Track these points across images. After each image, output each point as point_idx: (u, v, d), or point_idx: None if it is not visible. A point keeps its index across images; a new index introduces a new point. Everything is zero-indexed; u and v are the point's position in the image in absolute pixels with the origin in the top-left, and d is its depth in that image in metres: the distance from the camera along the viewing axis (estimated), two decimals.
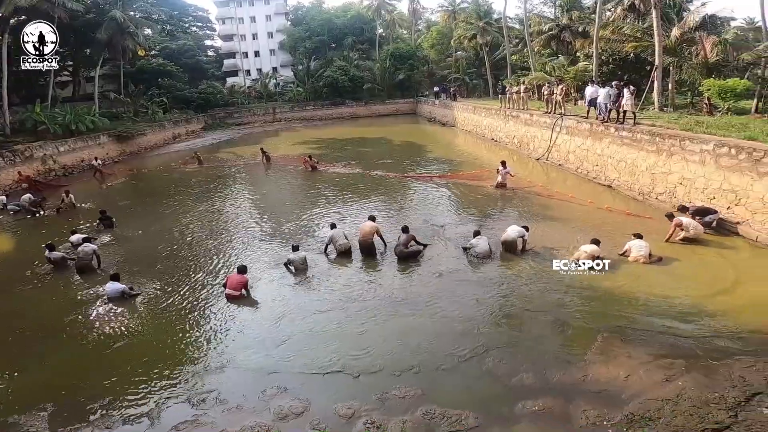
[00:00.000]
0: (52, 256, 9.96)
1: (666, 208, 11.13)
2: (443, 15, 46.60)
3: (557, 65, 26.77)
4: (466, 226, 11.22)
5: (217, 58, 59.20)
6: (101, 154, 25.95)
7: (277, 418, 5.16)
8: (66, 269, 9.96)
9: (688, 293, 7.42)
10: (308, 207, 14.34)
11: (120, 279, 8.47)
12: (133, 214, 14.80)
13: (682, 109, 17.32)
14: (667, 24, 18.46)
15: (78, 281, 9.46)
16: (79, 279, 9.52)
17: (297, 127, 42.41)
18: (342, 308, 7.61)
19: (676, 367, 5.55)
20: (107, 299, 8.25)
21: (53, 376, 6.35)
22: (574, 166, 16.55)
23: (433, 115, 40.05)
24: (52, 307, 8.41)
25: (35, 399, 5.76)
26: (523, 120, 21.83)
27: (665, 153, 11.99)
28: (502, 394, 5.40)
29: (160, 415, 5.38)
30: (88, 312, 8.06)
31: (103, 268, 9.86)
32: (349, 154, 24.66)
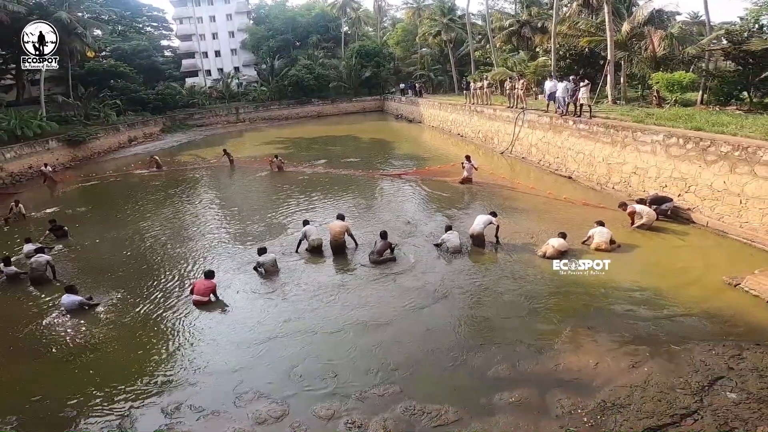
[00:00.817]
0: (6, 270, 9.36)
1: (621, 197, 11.68)
2: (408, 12, 46.82)
3: (518, 60, 27.49)
4: (436, 221, 11.40)
5: (175, 58, 56.83)
6: (50, 159, 24.34)
7: (256, 423, 5.07)
8: (19, 283, 9.34)
9: (647, 280, 7.79)
10: (275, 209, 14.05)
11: (77, 290, 8.05)
12: (89, 222, 14.02)
13: (634, 101, 18.17)
14: (618, 19, 19.25)
15: (34, 293, 8.89)
16: (35, 291, 8.96)
17: (262, 127, 41.46)
18: (315, 309, 7.53)
19: (641, 353, 5.78)
20: (65, 312, 7.82)
21: (19, 388, 6.03)
22: (537, 159, 17.09)
23: (400, 111, 40.24)
24: (9, 321, 7.89)
25: (2, 412, 5.46)
26: (487, 115, 22.31)
27: (619, 144, 12.59)
28: (479, 387, 5.49)
29: (132, 425, 5.18)
30: (48, 324, 7.65)
31: (59, 278, 9.32)
32: (316, 153, 24.38)
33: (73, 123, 30.05)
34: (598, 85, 18.73)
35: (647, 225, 9.69)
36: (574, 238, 9.16)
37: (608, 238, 8.86)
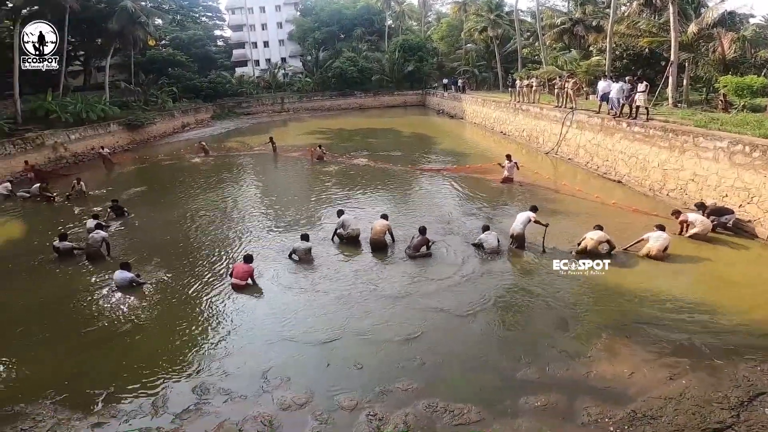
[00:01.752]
0: (61, 246, 9.96)
1: (676, 204, 10.97)
2: (453, 7, 45.95)
3: (569, 59, 26.37)
4: (473, 221, 11.18)
5: (227, 48, 59.07)
6: (111, 142, 26.16)
7: (280, 408, 5.20)
8: (73, 258, 9.99)
9: (697, 291, 7.35)
10: (314, 198, 14.36)
11: (130, 267, 8.50)
12: (141, 203, 14.92)
13: (697, 105, 16.95)
14: (684, 20, 18.03)
15: (87, 269, 9.54)
16: (90, 266, 9.61)
17: (305, 117, 42.34)
18: (346, 302, 7.60)
19: (681, 365, 5.52)
20: (116, 287, 8.32)
21: (58, 364, 6.38)
22: (584, 161, 16.35)
23: (442, 107, 39.75)
24: (59, 295, 8.48)
25: (40, 387, 5.80)
26: (532, 113, 21.57)
27: (678, 149, 11.78)
28: (505, 388, 5.39)
29: (164, 403, 5.40)
30: (95, 300, 8.14)
31: (113, 255, 9.94)
32: (356, 145, 24.57)
33: (132, 108, 32.05)
34: (657, 86, 17.59)
35: (701, 235, 9.06)
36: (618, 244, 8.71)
37: (664, 245, 8.32)
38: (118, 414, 5.27)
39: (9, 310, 8.05)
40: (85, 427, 5.09)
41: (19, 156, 19.34)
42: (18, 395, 5.67)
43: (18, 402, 5.51)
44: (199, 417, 5.15)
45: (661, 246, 8.31)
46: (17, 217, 14.02)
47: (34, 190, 15.53)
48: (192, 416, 5.17)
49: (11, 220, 13.79)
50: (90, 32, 31.25)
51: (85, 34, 31.62)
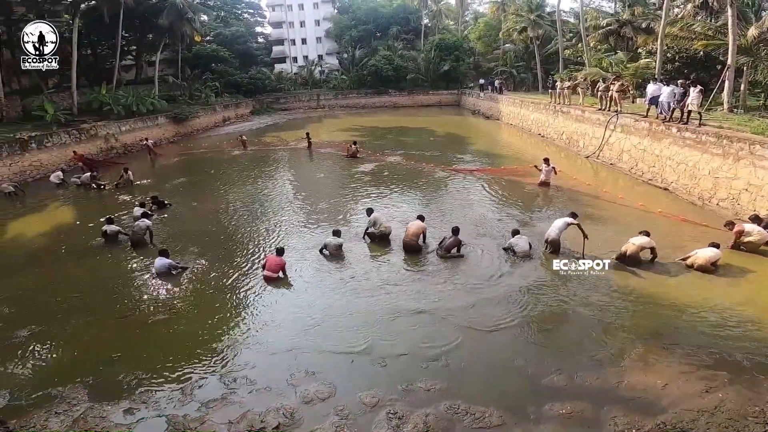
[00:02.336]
0: (108, 229, 10.52)
1: (727, 215, 10.29)
2: (492, 7, 44.95)
3: (615, 61, 25.22)
4: (507, 224, 10.91)
5: (267, 44, 60.58)
6: (158, 134, 27.52)
7: (303, 402, 5.27)
8: (118, 243, 10.53)
9: (743, 304, 6.92)
10: (348, 195, 14.49)
11: (168, 254, 8.87)
12: (182, 193, 15.61)
13: (754, 111, 15.79)
14: (744, 23, 16.88)
15: (131, 255, 10.00)
16: (133, 253, 10.09)
17: (340, 114, 42.82)
18: (375, 297, 7.63)
19: (719, 378, 5.29)
20: (155, 274, 8.69)
21: (96, 348, 6.67)
22: (628, 166, 15.61)
23: (478, 107, 39.07)
24: (103, 278, 8.95)
25: (77, 371, 6.02)
26: (573, 116, 20.81)
27: (732, 157, 11.03)
28: (530, 394, 5.28)
29: (192, 391, 5.56)
30: (136, 286, 8.54)
31: (155, 243, 10.35)
32: (390, 143, 24.61)
33: (178, 102, 33.59)
34: (712, 91, 16.52)
35: (755, 245, 8.48)
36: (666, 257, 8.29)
37: (714, 257, 7.81)
38: (148, 400, 5.44)
39: (55, 292, 8.50)
40: (116, 412, 5.27)
41: (73, 145, 20.69)
42: (54, 378, 5.90)
43: (55, 385, 5.72)
44: (224, 406, 5.28)
45: (711, 258, 7.81)
46: (69, 204, 14.97)
47: (85, 178, 16.54)
48: (218, 405, 5.30)
49: (63, 206, 14.77)
50: (142, 28, 32.96)
51: (138, 30, 33.34)
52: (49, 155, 19.50)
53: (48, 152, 19.50)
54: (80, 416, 5.20)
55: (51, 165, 19.16)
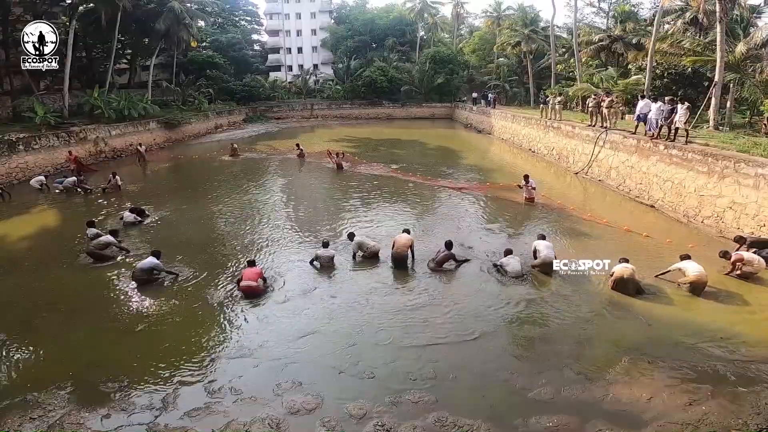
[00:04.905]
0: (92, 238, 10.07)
1: (711, 232, 10.47)
2: (487, 21, 45.93)
3: (606, 77, 25.78)
4: (496, 241, 10.88)
5: (262, 52, 60.93)
6: (149, 139, 27.29)
7: (289, 413, 5.18)
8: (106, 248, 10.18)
9: (728, 321, 7.04)
10: (337, 206, 14.45)
11: (160, 256, 8.69)
12: (170, 200, 15.37)
13: (740, 128, 16.23)
14: (732, 39, 17.32)
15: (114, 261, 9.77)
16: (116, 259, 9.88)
17: (333, 124, 42.97)
18: (363, 312, 7.54)
19: (703, 391, 5.37)
20: (135, 274, 8.43)
21: (75, 355, 6.50)
22: (616, 183, 15.84)
23: (470, 121, 39.52)
24: (79, 286, 8.77)
25: (54, 377, 5.85)
26: (564, 132, 21.14)
27: (717, 175, 11.27)
28: (517, 407, 5.26)
29: (175, 400, 5.44)
30: (118, 293, 8.35)
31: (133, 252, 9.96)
32: (382, 155, 24.69)
33: (171, 108, 33.41)
34: (699, 108, 16.93)
35: (752, 274, 8.29)
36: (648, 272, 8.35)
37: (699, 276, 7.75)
38: (128, 407, 5.30)
39: (34, 297, 8.31)
40: (94, 419, 5.13)
41: (62, 148, 20.42)
42: (28, 384, 5.74)
43: (30, 390, 5.57)
44: (207, 415, 5.17)
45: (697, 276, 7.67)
46: (52, 209, 14.54)
47: (68, 183, 16.03)
48: (201, 414, 5.19)
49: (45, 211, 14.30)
50: (138, 32, 32.87)
51: (134, 34, 33.24)
52: (36, 158, 19.20)
53: (35, 155, 19.20)
54: (56, 422, 5.06)
55: (38, 168, 18.87)
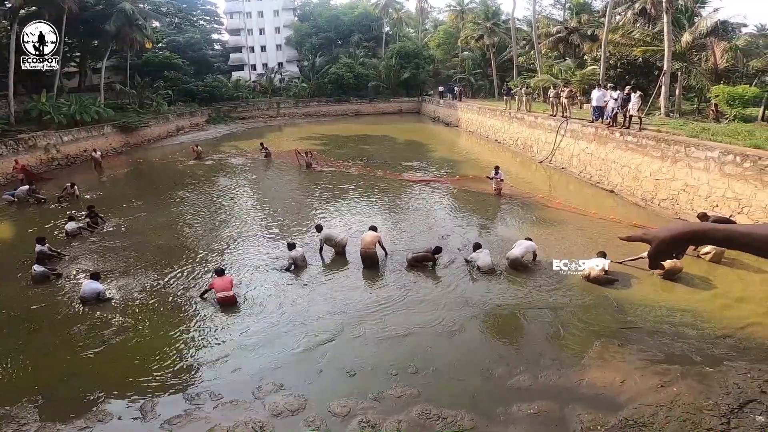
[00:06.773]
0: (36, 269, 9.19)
1: (668, 215, 11.06)
2: (451, 15, 46.35)
3: (564, 68, 26.64)
4: (467, 234, 11.01)
5: (224, 52, 59.10)
6: (105, 144, 25.97)
7: (272, 415, 5.15)
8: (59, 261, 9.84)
9: (688, 301, 7.41)
10: (307, 206, 14.29)
11: (99, 278, 8.24)
12: (130, 207, 14.61)
13: (689, 115, 17.20)
14: (678, 29, 18.28)
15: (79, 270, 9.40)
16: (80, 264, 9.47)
17: (300, 122, 42.34)
18: (340, 308, 7.57)
19: (672, 373, 5.58)
20: (81, 299, 7.94)
21: (47, 369, 6.29)
22: (577, 170, 16.47)
23: (437, 114, 39.97)
24: (42, 299, 8.34)
25: (26, 391, 5.68)
26: (527, 122, 21.76)
27: (670, 159, 11.92)
28: (498, 396, 5.39)
29: (153, 408, 5.34)
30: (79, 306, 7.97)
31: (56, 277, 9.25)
32: (351, 152, 24.56)
33: (127, 111, 31.88)
34: (650, 96, 17.83)
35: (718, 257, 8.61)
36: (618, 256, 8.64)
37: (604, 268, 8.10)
38: (105, 418, 5.19)
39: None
40: (70, 431, 5.00)
41: (11, 157, 19.11)
42: (2, 397, 5.56)
43: (3, 405, 5.40)
44: (188, 422, 5.08)
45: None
46: (3, 221, 13.76)
47: (20, 192, 15.13)
48: (182, 421, 5.09)
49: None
50: (87, 33, 31.15)
51: (82, 35, 31.48)
52: None
53: None
54: None
55: None
